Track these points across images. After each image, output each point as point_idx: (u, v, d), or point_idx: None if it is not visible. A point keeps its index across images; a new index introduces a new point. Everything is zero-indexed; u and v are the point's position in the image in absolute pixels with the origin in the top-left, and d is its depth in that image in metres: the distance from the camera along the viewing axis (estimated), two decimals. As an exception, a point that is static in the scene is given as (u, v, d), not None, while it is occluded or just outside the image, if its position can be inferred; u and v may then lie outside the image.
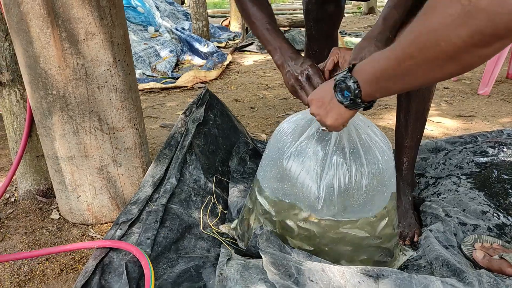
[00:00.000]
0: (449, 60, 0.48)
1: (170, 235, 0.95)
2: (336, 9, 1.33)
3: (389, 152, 0.90)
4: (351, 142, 0.86)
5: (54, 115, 1.08)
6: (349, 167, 0.83)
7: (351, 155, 0.84)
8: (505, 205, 1.06)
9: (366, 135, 0.88)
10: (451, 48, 0.46)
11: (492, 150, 1.27)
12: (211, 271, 0.85)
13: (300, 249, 0.88)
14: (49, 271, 1.02)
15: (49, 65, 1.03)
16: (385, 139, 0.92)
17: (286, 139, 0.90)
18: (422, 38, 0.49)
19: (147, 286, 0.73)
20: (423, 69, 0.52)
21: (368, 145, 0.86)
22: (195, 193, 1.15)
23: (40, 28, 0.99)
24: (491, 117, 2.19)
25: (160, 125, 2.18)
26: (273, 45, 0.93)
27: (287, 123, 0.95)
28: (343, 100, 0.69)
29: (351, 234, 0.86)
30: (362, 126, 0.89)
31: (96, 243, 0.91)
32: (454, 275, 0.82)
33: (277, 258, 0.77)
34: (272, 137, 0.97)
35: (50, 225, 1.21)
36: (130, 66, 1.16)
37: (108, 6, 1.06)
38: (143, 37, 3.80)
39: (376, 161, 0.85)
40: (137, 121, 1.21)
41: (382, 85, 0.61)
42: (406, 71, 0.54)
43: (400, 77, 0.56)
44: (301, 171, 0.85)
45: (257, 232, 0.88)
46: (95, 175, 1.15)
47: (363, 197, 0.84)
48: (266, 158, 0.96)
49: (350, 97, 0.67)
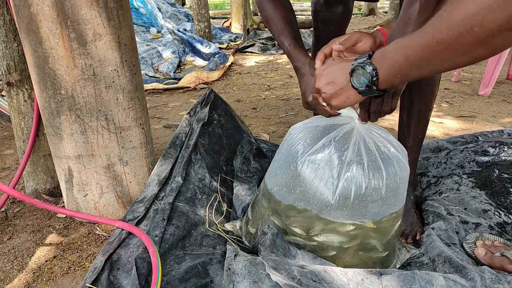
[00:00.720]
0: (480, 44, 0.48)
1: (177, 232, 0.97)
2: (345, 11, 1.36)
3: (407, 165, 0.89)
4: (370, 155, 0.84)
5: (62, 115, 1.10)
6: (366, 179, 0.82)
7: (370, 167, 0.82)
8: (506, 203, 1.08)
9: (386, 148, 0.86)
10: (484, 33, 0.46)
11: (493, 150, 1.28)
12: (217, 267, 0.86)
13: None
14: (57, 268, 1.03)
15: (58, 65, 1.05)
16: (403, 152, 0.90)
17: (300, 144, 0.89)
18: (455, 24, 0.49)
19: (155, 274, 0.75)
20: (451, 55, 0.53)
21: (388, 158, 0.85)
22: (201, 192, 1.17)
23: (50, 29, 1.01)
24: (492, 117, 2.21)
25: (164, 125, 2.20)
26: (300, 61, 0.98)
27: (301, 128, 0.93)
28: (358, 86, 0.69)
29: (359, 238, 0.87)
30: (380, 139, 0.88)
31: (117, 222, 1.01)
32: (457, 271, 0.83)
33: (279, 264, 0.79)
34: (285, 141, 0.96)
35: (57, 223, 1.23)
36: (136, 67, 1.18)
37: (116, 8, 1.08)
38: (145, 38, 3.82)
39: (394, 175, 0.84)
40: (143, 120, 1.22)
41: (404, 72, 0.62)
42: (432, 58, 0.55)
43: (425, 63, 0.57)
44: (315, 178, 0.84)
45: (261, 236, 0.89)
46: (101, 173, 1.17)
47: (376, 208, 0.84)
48: (278, 161, 0.95)
49: (366, 84, 0.67)
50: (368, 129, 0.88)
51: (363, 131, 0.87)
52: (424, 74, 0.61)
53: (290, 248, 0.87)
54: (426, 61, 0.57)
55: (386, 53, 0.65)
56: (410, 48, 0.58)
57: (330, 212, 0.84)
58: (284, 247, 0.87)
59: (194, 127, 1.34)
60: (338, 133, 0.86)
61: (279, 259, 0.81)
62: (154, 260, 0.78)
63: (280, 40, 1.02)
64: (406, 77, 0.63)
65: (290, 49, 1.00)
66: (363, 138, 0.85)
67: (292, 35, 1.01)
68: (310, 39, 4.75)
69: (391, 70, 0.64)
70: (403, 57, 0.60)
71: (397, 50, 0.62)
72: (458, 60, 0.53)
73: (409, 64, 0.60)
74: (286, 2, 1.07)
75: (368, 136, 0.86)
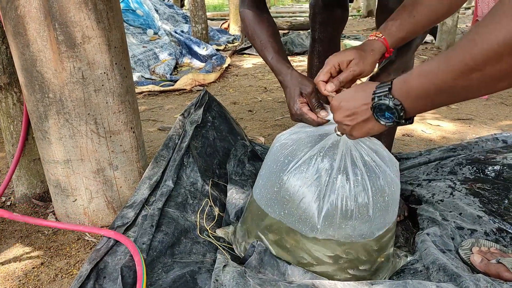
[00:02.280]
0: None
1: (165, 239, 0.95)
2: (343, 13, 1.40)
3: (397, 181, 0.86)
4: (356, 175, 0.80)
5: (51, 119, 1.08)
6: (353, 199, 0.79)
7: (356, 186, 0.79)
8: (500, 211, 1.06)
9: (374, 163, 0.83)
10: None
11: (484, 158, 1.27)
12: (206, 276, 0.84)
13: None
14: (44, 275, 1.01)
15: (46, 68, 1.03)
16: (393, 163, 0.87)
17: (286, 157, 0.86)
18: (492, 48, 0.44)
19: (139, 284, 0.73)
20: (488, 81, 0.48)
21: (375, 175, 0.81)
22: (192, 196, 1.15)
23: (37, 31, 0.99)
24: (489, 120, 2.19)
25: (158, 128, 2.18)
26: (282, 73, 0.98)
27: (287, 139, 0.90)
28: (385, 122, 0.65)
29: (349, 255, 0.84)
30: (368, 151, 0.85)
31: (102, 231, 0.96)
32: (451, 279, 0.81)
33: (265, 281, 0.77)
34: (269, 154, 0.93)
35: (45, 229, 1.21)
36: (127, 69, 1.16)
37: (105, 10, 1.06)
38: (142, 40, 3.80)
39: (382, 193, 0.81)
40: (134, 124, 1.20)
41: (436, 101, 0.57)
42: (468, 85, 0.50)
43: (460, 90, 0.52)
44: (302, 192, 0.81)
45: (250, 250, 0.87)
46: (91, 178, 1.15)
47: (365, 228, 0.82)
48: (263, 177, 0.93)
49: (393, 119, 0.63)
50: (356, 140, 0.85)
51: (350, 142, 0.84)
52: (462, 99, 0.55)
53: (279, 264, 0.84)
54: (462, 88, 0.51)
55: (410, 83, 0.59)
56: (443, 73, 0.52)
57: (316, 233, 0.81)
58: (273, 264, 0.84)
59: (187, 129, 1.32)
60: (325, 144, 0.83)
61: (265, 278, 0.79)
62: (139, 269, 0.76)
63: (263, 54, 1.03)
64: (439, 104, 0.58)
65: (272, 63, 1.00)
66: (350, 152, 0.82)
67: (276, 49, 1.01)
68: (307, 41, 4.74)
69: (418, 100, 0.59)
70: (434, 85, 0.54)
71: (421, 79, 0.56)
72: (498, 86, 0.48)
73: (441, 93, 0.54)
74: (269, 18, 1.09)
75: (355, 148, 0.83)
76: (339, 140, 0.84)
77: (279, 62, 0.99)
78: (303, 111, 0.89)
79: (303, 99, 0.92)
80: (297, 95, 0.92)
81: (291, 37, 4.73)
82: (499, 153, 1.28)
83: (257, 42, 1.05)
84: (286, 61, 1.01)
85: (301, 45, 4.68)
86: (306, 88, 0.91)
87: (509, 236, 1.02)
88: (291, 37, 4.73)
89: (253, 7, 1.07)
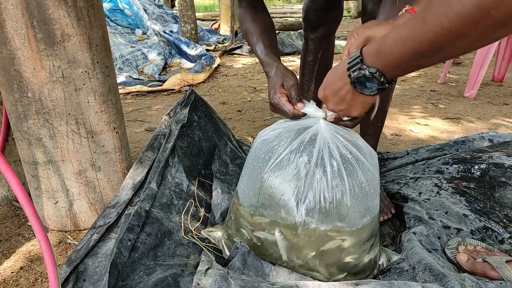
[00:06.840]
0: (499, 26, 0.44)
1: (148, 240, 0.92)
2: (338, 13, 1.42)
3: (376, 174, 0.86)
4: (333, 168, 0.80)
5: (30, 119, 1.05)
6: (330, 194, 0.79)
7: (333, 180, 0.79)
8: (485, 209, 1.06)
9: (351, 155, 0.82)
10: (504, 13, 0.43)
11: (471, 157, 1.27)
12: (189, 279, 0.82)
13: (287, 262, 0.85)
14: (23, 280, 0.98)
15: (24, 67, 1.00)
16: (371, 156, 0.87)
17: (266, 154, 0.85)
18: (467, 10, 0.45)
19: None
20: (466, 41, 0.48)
21: (353, 168, 0.81)
22: (177, 197, 1.13)
23: (14, 29, 0.96)
24: (477, 119, 2.21)
25: (145, 128, 2.15)
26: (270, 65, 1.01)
27: (266, 136, 0.90)
28: (369, 92, 0.65)
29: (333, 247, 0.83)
30: (346, 143, 0.84)
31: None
32: (437, 279, 0.80)
33: (248, 282, 0.75)
34: (251, 152, 0.93)
35: (26, 232, 1.18)
36: (109, 68, 1.14)
37: (86, 7, 1.03)
38: (130, 40, 3.76)
39: (360, 183, 0.81)
40: (117, 124, 1.18)
41: (413, 64, 0.57)
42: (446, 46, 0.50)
43: (438, 51, 0.52)
44: (282, 189, 0.81)
45: (234, 252, 0.85)
46: (73, 180, 1.12)
47: (343, 216, 0.81)
48: (245, 175, 0.92)
49: (376, 87, 0.64)
50: (333, 133, 0.84)
51: (327, 135, 0.83)
52: (440, 60, 0.55)
53: (263, 265, 0.83)
54: (439, 49, 0.51)
55: (385, 52, 0.59)
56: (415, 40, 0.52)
57: (297, 230, 0.81)
58: (257, 266, 0.83)
59: (173, 129, 1.30)
60: (304, 138, 0.83)
61: (248, 279, 0.77)
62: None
63: (255, 49, 1.06)
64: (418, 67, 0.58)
65: (261, 56, 1.03)
66: (328, 146, 0.82)
67: (266, 44, 1.04)
68: (298, 41, 4.74)
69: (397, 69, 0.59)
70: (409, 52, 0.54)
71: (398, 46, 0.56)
72: (474, 45, 0.49)
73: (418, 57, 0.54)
74: (265, 16, 1.13)
75: (333, 142, 0.82)
76: (317, 134, 0.84)
77: (267, 55, 1.02)
78: (282, 101, 0.91)
79: (284, 91, 0.94)
80: (278, 86, 0.94)
81: (281, 37, 4.73)
82: (485, 152, 1.28)
83: (251, 39, 1.08)
84: (274, 54, 1.03)
85: (291, 45, 4.68)
86: (288, 81, 0.94)
87: (495, 234, 1.01)
88: (281, 37, 4.73)
89: (249, 7, 1.12)
